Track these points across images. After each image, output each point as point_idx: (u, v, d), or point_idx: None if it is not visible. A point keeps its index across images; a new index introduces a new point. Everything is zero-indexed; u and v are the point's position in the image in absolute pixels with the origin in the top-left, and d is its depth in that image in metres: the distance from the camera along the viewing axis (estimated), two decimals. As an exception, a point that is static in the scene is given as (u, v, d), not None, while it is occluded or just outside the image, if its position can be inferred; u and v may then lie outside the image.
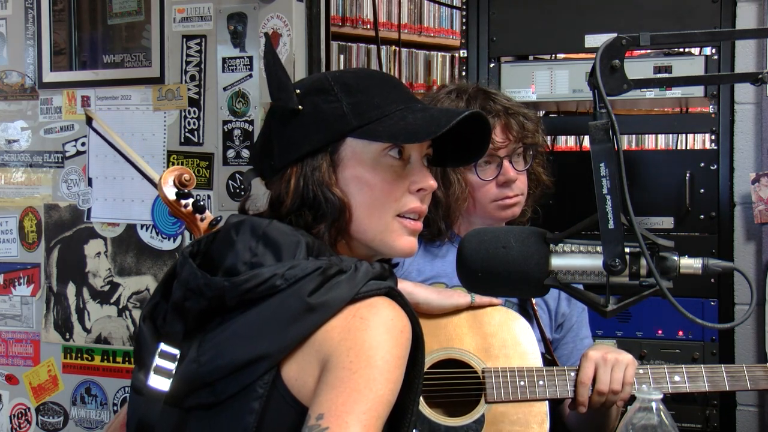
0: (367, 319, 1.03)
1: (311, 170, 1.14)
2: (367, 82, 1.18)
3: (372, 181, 1.15)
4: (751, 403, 2.14)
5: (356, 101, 1.15)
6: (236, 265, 1.09)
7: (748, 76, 1.09)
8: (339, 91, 1.16)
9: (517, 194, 1.80)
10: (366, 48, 4.14)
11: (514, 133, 1.77)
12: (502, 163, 1.77)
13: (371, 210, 1.16)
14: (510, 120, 1.77)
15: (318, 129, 1.15)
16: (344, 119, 1.14)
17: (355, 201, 1.15)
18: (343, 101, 1.15)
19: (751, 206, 2.12)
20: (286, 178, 1.15)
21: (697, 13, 2.11)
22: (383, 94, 1.17)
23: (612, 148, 1.00)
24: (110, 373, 2.68)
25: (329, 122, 1.15)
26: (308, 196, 1.14)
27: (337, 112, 1.15)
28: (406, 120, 1.14)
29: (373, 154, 1.16)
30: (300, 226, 1.14)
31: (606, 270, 1.04)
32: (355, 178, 1.15)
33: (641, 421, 1.19)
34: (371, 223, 1.16)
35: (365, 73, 1.22)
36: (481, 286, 1.18)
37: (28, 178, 2.78)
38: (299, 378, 1.03)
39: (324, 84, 1.17)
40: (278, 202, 1.16)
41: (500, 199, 1.79)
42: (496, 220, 1.82)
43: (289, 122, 1.16)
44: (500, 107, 1.78)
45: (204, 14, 2.53)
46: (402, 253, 1.19)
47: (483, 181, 1.78)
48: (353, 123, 1.14)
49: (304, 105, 1.16)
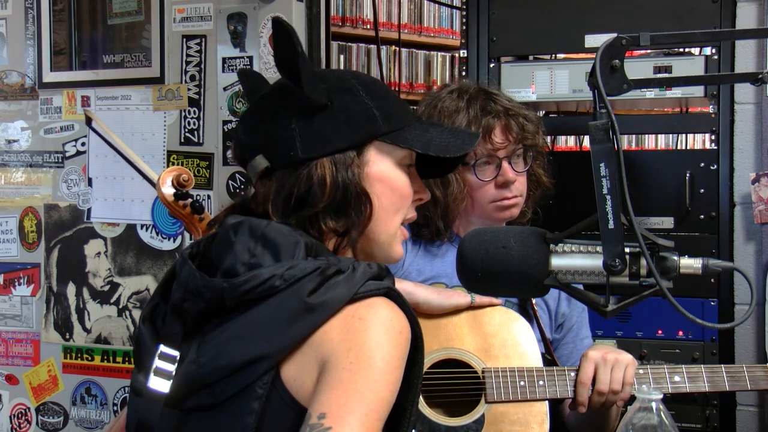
0: (367, 319, 1.03)
1: (345, 167, 1.14)
2: (382, 90, 1.21)
3: (396, 185, 1.20)
4: (751, 403, 2.14)
5: (381, 105, 1.18)
6: (235, 266, 1.09)
7: (748, 76, 1.09)
8: (364, 94, 1.17)
9: (515, 195, 1.80)
10: (366, 48, 4.14)
11: (514, 134, 1.77)
12: (501, 164, 1.77)
13: (390, 213, 1.19)
14: (510, 121, 1.77)
15: (350, 127, 1.15)
16: (375, 121, 1.16)
17: (379, 202, 1.18)
18: (371, 104, 1.17)
19: (751, 206, 2.12)
20: (318, 173, 1.13)
21: (697, 13, 2.11)
22: (399, 104, 1.22)
23: (612, 148, 1.00)
24: (110, 373, 2.68)
25: (361, 122, 1.16)
26: (348, 192, 1.14)
27: (368, 113, 1.16)
28: (431, 133, 1.21)
29: (396, 159, 1.20)
30: (327, 224, 1.14)
31: (606, 270, 1.04)
32: (380, 179, 1.18)
33: (641, 421, 1.19)
34: (387, 225, 1.20)
35: (375, 80, 1.25)
36: (481, 286, 1.18)
37: (28, 178, 2.78)
38: (298, 378, 1.03)
39: (348, 84, 1.18)
40: (307, 197, 1.13)
41: (499, 200, 1.79)
42: (495, 220, 1.82)
43: (314, 115, 1.15)
44: (501, 108, 1.78)
45: (204, 14, 2.53)
46: (395, 259, 1.23)
47: (482, 181, 1.78)
48: (384, 127, 1.17)
49: (333, 101, 1.16)
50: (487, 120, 1.75)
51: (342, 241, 1.16)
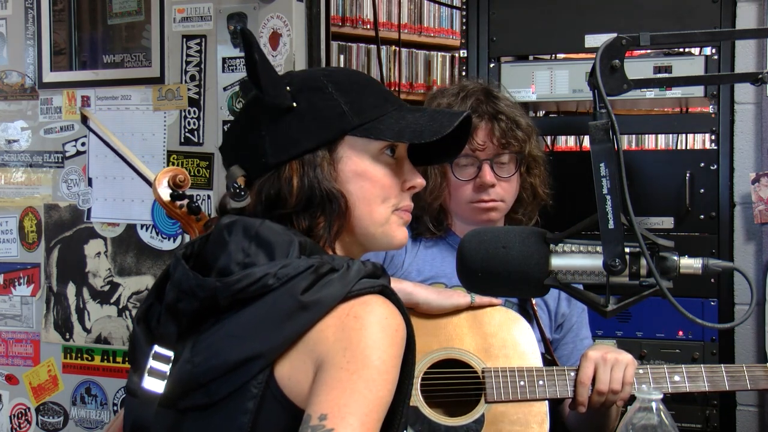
0: (362, 317, 1.02)
1: (312, 168, 1.14)
2: (358, 82, 1.20)
3: (374, 177, 1.17)
4: (751, 403, 2.14)
5: (352, 100, 1.16)
6: (229, 266, 1.09)
7: (748, 76, 1.09)
8: (333, 90, 1.16)
9: (494, 199, 1.78)
10: (366, 48, 4.14)
11: (496, 138, 1.76)
12: (481, 166, 1.77)
13: (372, 205, 1.18)
14: (494, 125, 1.76)
15: (318, 126, 1.15)
16: (344, 117, 1.15)
17: (355, 197, 1.16)
18: (340, 99, 1.16)
19: (751, 206, 2.12)
20: (286, 176, 1.14)
21: (697, 13, 2.11)
22: (376, 94, 1.20)
23: (612, 148, 1.00)
24: (110, 373, 2.68)
25: (329, 120, 1.15)
26: (314, 193, 1.14)
27: (336, 110, 1.15)
28: (406, 120, 1.17)
29: (372, 152, 1.17)
30: (302, 224, 1.14)
31: (606, 270, 1.04)
32: (356, 174, 1.16)
33: (641, 421, 1.19)
34: (373, 216, 1.18)
35: (354, 73, 1.24)
36: (481, 286, 1.18)
37: (28, 178, 2.78)
38: (292, 377, 1.03)
39: (317, 82, 1.18)
40: (278, 200, 1.15)
41: (475, 201, 1.79)
42: (474, 222, 1.81)
43: (281, 119, 1.16)
44: (490, 110, 1.77)
45: (204, 14, 2.53)
46: (399, 243, 1.22)
47: (460, 180, 1.78)
48: (354, 121, 1.15)
49: (299, 102, 1.16)
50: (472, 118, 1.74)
51: (320, 239, 1.16)
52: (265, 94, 1.15)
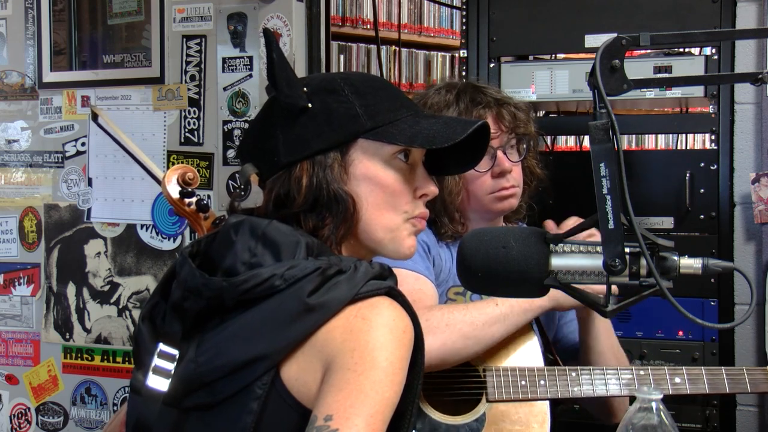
0: (370, 319, 1.03)
1: (323, 168, 1.14)
2: (374, 87, 1.20)
3: (385, 182, 1.17)
4: (751, 403, 2.14)
5: (367, 103, 1.16)
6: (235, 266, 1.09)
7: (748, 76, 1.09)
8: (349, 93, 1.17)
9: (513, 185, 1.78)
10: (366, 48, 4.14)
11: (506, 123, 1.76)
12: (496, 154, 1.76)
13: (382, 210, 1.17)
14: (501, 110, 1.76)
15: (331, 128, 1.15)
16: (358, 120, 1.15)
17: (366, 201, 1.16)
18: (355, 102, 1.16)
19: (751, 206, 2.12)
20: (296, 176, 1.14)
21: (697, 13, 2.11)
22: (391, 99, 1.19)
23: (612, 148, 1.00)
24: (110, 373, 2.69)
25: (342, 122, 1.15)
26: (321, 194, 1.14)
27: (350, 112, 1.15)
28: (420, 125, 1.17)
29: (384, 156, 1.17)
30: (308, 225, 1.14)
31: (606, 270, 1.03)
32: (366, 178, 1.16)
33: (641, 421, 1.18)
34: (382, 222, 1.17)
35: (370, 78, 1.24)
36: (481, 287, 1.18)
37: (28, 178, 2.78)
38: (299, 378, 1.03)
39: (333, 84, 1.18)
40: (287, 200, 1.15)
41: (497, 190, 1.77)
42: (494, 213, 1.80)
43: (296, 119, 1.16)
44: (491, 98, 1.76)
45: (204, 14, 2.53)
46: (407, 254, 1.21)
47: (478, 173, 1.77)
48: (367, 124, 1.15)
49: (314, 103, 1.16)
50: (478, 111, 1.74)
51: (326, 240, 1.15)
52: (281, 93, 1.16)
